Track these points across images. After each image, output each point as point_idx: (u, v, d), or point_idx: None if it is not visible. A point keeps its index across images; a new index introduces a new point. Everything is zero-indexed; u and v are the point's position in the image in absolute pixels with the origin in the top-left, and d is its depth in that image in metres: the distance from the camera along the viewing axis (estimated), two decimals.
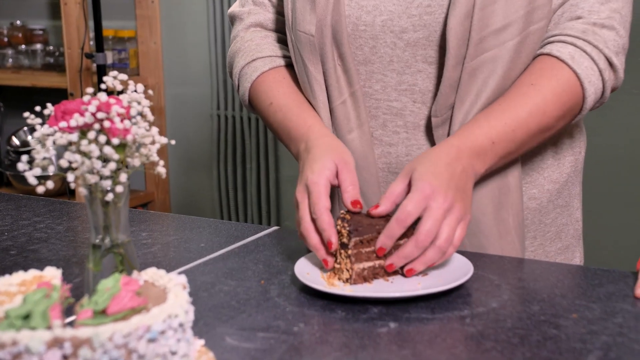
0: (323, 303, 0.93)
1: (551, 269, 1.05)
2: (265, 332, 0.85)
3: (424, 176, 0.95)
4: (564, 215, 1.22)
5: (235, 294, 0.96)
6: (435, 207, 0.93)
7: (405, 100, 1.12)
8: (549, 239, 1.21)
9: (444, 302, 0.93)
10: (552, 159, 1.19)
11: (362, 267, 0.96)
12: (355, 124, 1.12)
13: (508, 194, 1.11)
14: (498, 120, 1.03)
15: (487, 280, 0.99)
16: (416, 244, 0.93)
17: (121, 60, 2.99)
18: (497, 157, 1.03)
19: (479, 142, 1.02)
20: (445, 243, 0.93)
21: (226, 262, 1.09)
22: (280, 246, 1.15)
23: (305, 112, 1.12)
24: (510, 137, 1.03)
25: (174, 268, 1.05)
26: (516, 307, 0.91)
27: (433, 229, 0.93)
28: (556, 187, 1.20)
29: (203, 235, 1.22)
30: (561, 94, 1.04)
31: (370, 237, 0.96)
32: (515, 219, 1.11)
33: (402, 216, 0.93)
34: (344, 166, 1.02)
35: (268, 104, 1.16)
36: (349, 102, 1.12)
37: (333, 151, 1.03)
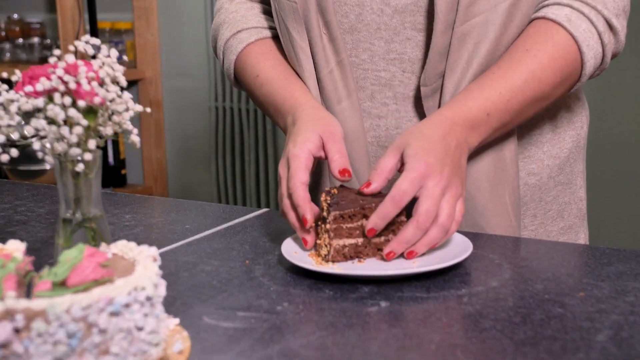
0: (310, 282, 0.86)
1: (556, 248, 0.99)
2: (246, 311, 0.79)
3: (418, 153, 0.89)
4: (566, 193, 1.16)
5: (217, 274, 0.90)
6: (432, 186, 0.87)
7: (394, 70, 1.06)
8: (551, 217, 1.15)
9: (440, 281, 0.86)
10: (552, 132, 1.13)
11: (341, 243, 0.89)
12: (343, 93, 1.06)
13: (504, 168, 1.04)
14: (492, 90, 0.97)
15: (487, 260, 0.93)
16: (417, 226, 0.87)
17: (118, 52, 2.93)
18: (492, 129, 0.97)
19: (473, 114, 0.95)
20: (448, 220, 0.87)
21: (211, 242, 1.03)
22: (269, 227, 1.09)
23: (292, 85, 1.06)
24: (505, 108, 0.97)
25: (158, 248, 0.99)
26: (518, 286, 0.85)
27: (432, 208, 0.87)
28: (556, 163, 1.14)
29: (189, 217, 1.16)
30: (558, 59, 0.98)
31: (352, 212, 0.89)
32: (512, 196, 1.05)
33: (397, 195, 0.87)
34: (330, 137, 0.95)
35: (254, 76, 1.10)
36: (336, 72, 1.06)
37: (318, 122, 0.97)
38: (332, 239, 0.89)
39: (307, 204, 0.90)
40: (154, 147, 3.05)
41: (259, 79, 1.10)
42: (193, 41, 2.94)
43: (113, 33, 2.92)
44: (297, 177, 0.91)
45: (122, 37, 2.93)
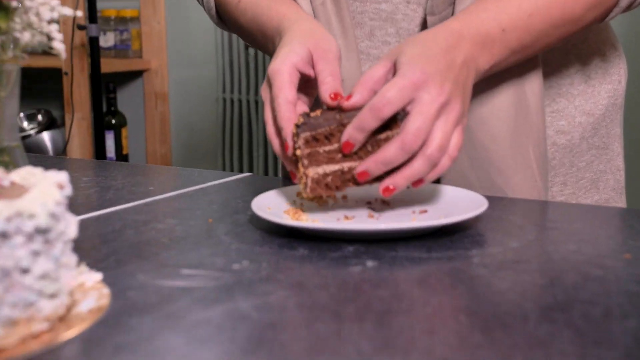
0: (282, 241, 0.69)
1: (592, 211, 0.81)
2: (193, 269, 0.61)
3: (415, 59, 0.71)
4: (601, 160, 0.97)
5: (169, 232, 0.73)
6: (428, 101, 0.69)
7: (397, 1, 0.88)
8: (583, 187, 0.96)
9: (445, 240, 0.68)
10: (584, 84, 0.94)
11: (321, 171, 0.71)
12: (337, 30, 0.89)
13: (527, 114, 0.86)
14: (510, 2, 0.79)
15: (507, 221, 0.75)
16: (402, 146, 0.68)
17: (123, 42, 2.79)
18: (508, 49, 0.79)
19: (485, 28, 0.77)
20: (438, 152, 0.69)
21: (173, 202, 0.86)
22: (247, 189, 0.91)
23: (279, 2, 0.89)
24: (525, 24, 0.79)
25: (104, 208, 0.83)
26: (545, 247, 0.67)
27: (423, 128, 0.68)
28: (590, 122, 0.95)
29: (156, 179, 0.99)
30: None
31: (327, 131, 0.71)
32: (536, 149, 0.86)
33: (379, 104, 0.68)
34: (321, 54, 0.78)
35: (236, 3, 0.93)
36: (329, 4, 0.89)
37: (307, 35, 0.79)
38: (308, 167, 0.71)
39: (292, 125, 0.73)
40: (158, 142, 2.90)
41: (241, 4, 0.92)
42: (200, 29, 2.79)
43: (118, 21, 2.78)
44: (282, 94, 0.74)
45: (128, 25, 2.79)
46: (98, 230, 0.74)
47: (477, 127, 0.85)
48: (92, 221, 0.77)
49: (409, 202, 0.79)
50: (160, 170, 1.07)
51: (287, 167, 0.75)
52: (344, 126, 0.71)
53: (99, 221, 0.77)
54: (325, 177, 0.71)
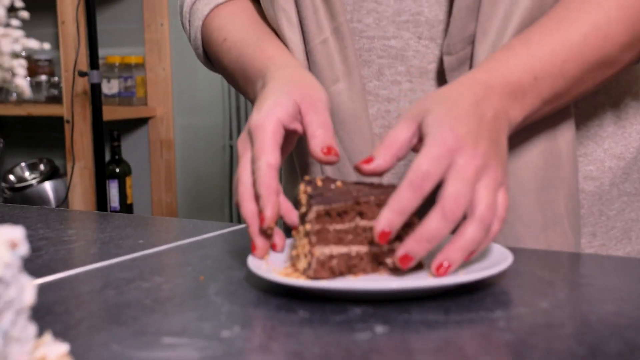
0: (280, 302, 0.61)
1: (629, 264, 0.72)
2: (176, 336, 0.53)
3: (444, 121, 0.63)
4: (633, 207, 0.89)
5: (154, 292, 0.65)
6: (464, 164, 0.61)
7: (408, 36, 0.81)
8: (614, 238, 0.87)
9: (464, 301, 0.60)
10: (614, 125, 0.86)
11: (327, 252, 0.63)
12: (341, 71, 0.82)
13: (558, 165, 0.78)
14: (541, 46, 0.71)
15: (534, 277, 0.67)
16: (443, 215, 0.59)
17: (127, 89, 2.74)
18: (541, 99, 0.71)
19: (516, 77, 0.70)
20: (489, 212, 0.60)
21: (163, 257, 0.78)
22: (246, 242, 0.83)
23: (266, 42, 0.82)
24: (559, 71, 0.71)
25: (86, 264, 0.75)
26: (579, 307, 0.59)
27: (464, 192, 0.60)
28: (621, 166, 0.87)
29: (147, 232, 0.91)
30: (629, 10, 0.72)
31: (342, 208, 0.63)
32: (568, 202, 0.78)
33: (417, 179, 0.60)
34: (310, 105, 0.70)
35: (221, 41, 0.86)
36: (331, 42, 0.82)
37: (294, 85, 0.72)
38: (315, 246, 0.63)
39: (273, 195, 0.65)
40: (164, 190, 2.83)
41: (226, 43, 0.86)
42: (206, 75, 2.75)
43: (123, 67, 2.73)
44: (264, 157, 0.66)
45: (133, 72, 2.74)
46: (75, 290, 0.66)
47: None
48: (70, 280, 0.70)
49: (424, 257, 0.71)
50: (153, 221, 1.00)
51: (251, 236, 0.67)
52: (358, 204, 0.63)
53: (78, 280, 0.70)
54: (331, 259, 0.63)
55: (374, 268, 0.64)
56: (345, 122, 0.81)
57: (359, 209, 0.63)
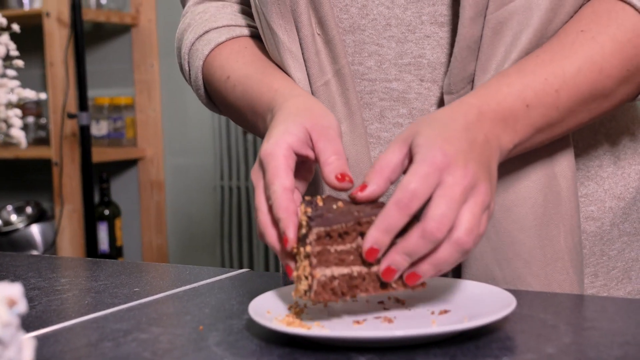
0: (283, 352, 0.60)
1: (632, 305, 0.72)
2: None
3: (434, 141, 0.63)
4: (633, 247, 0.88)
5: (153, 344, 0.64)
6: (451, 183, 0.61)
7: (410, 78, 0.81)
8: (615, 278, 0.87)
9: (470, 347, 0.59)
10: (614, 165, 0.86)
11: (329, 274, 0.62)
12: (342, 113, 0.81)
13: (558, 202, 0.78)
14: (535, 76, 0.71)
15: (538, 321, 0.66)
16: (423, 234, 0.60)
17: (117, 130, 2.74)
18: (533, 128, 0.71)
19: (508, 104, 0.70)
20: (468, 237, 0.61)
21: (160, 307, 0.77)
22: (244, 288, 0.82)
23: (270, 76, 0.81)
24: (552, 101, 0.71)
25: (81, 315, 0.74)
26: (586, 352, 0.58)
27: (449, 214, 0.60)
28: (621, 206, 0.87)
29: (143, 279, 0.90)
30: (625, 45, 0.73)
31: (343, 229, 0.62)
32: (568, 239, 0.78)
33: (405, 198, 0.60)
34: (321, 132, 0.70)
35: (225, 79, 0.85)
36: (333, 84, 0.82)
37: (303, 112, 0.72)
38: (315, 268, 0.62)
39: (292, 216, 0.64)
40: (154, 232, 2.81)
41: (230, 81, 0.85)
42: (197, 115, 2.75)
43: (112, 109, 2.73)
44: (278, 181, 0.66)
45: (122, 113, 2.74)
46: (70, 343, 0.65)
47: (502, 215, 0.77)
48: (65, 332, 0.68)
49: (427, 300, 0.70)
50: (147, 268, 0.99)
51: (282, 261, 0.67)
52: (360, 224, 0.62)
53: (73, 332, 0.68)
54: (333, 280, 0.62)
55: (375, 288, 0.64)
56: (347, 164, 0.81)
57: (360, 229, 0.63)
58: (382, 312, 0.68)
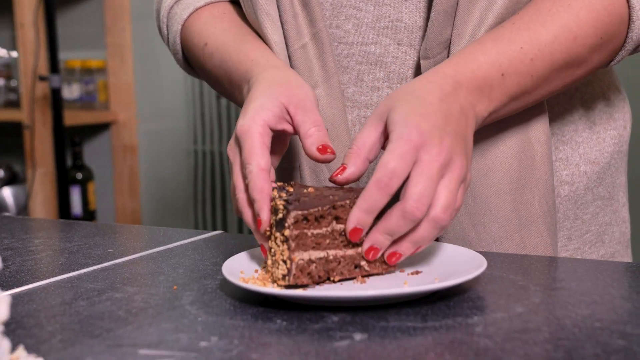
0: (257, 311, 0.60)
1: (601, 267, 0.73)
2: (153, 348, 0.53)
3: (409, 118, 0.64)
4: (607, 211, 0.90)
5: (127, 302, 0.64)
6: (428, 161, 0.62)
7: (387, 42, 0.81)
8: (589, 242, 0.88)
9: (441, 307, 0.60)
10: (589, 130, 0.87)
11: (306, 257, 0.63)
12: (320, 76, 0.81)
13: (532, 167, 0.79)
14: (510, 43, 0.72)
15: (508, 281, 0.67)
16: (403, 214, 0.61)
17: (89, 93, 2.71)
18: (507, 96, 0.72)
19: (483, 72, 0.70)
20: (444, 214, 0.62)
21: (133, 267, 0.77)
22: (218, 249, 0.83)
23: (247, 45, 0.81)
24: (527, 69, 0.72)
25: (55, 275, 0.74)
26: (554, 312, 0.59)
27: (427, 193, 0.61)
28: (595, 171, 0.88)
29: (117, 240, 0.90)
30: (600, 12, 0.73)
31: (319, 213, 0.63)
32: (542, 203, 0.79)
33: (385, 177, 0.61)
34: (298, 104, 0.70)
35: (202, 46, 0.85)
36: (310, 47, 0.81)
37: (280, 86, 0.72)
38: (294, 251, 0.62)
39: (267, 198, 0.65)
40: (127, 196, 2.80)
41: (207, 48, 0.84)
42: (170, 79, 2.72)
43: (84, 72, 2.69)
44: (254, 160, 0.66)
45: (94, 76, 2.70)
46: (45, 302, 0.65)
47: (479, 180, 0.78)
48: (39, 292, 0.68)
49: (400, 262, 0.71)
50: (121, 229, 0.98)
51: (258, 240, 0.67)
52: (335, 208, 0.63)
53: (47, 291, 0.68)
54: (310, 264, 0.63)
55: (350, 271, 0.64)
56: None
57: (335, 213, 0.63)
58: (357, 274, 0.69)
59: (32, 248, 0.86)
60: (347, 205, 0.63)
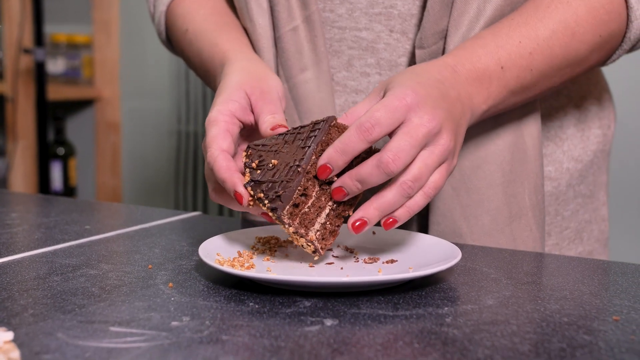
0: (231, 293, 0.61)
1: (572, 263, 0.74)
2: (124, 326, 0.53)
3: (407, 81, 0.65)
4: (587, 209, 0.91)
5: (101, 279, 0.64)
6: (416, 123, 0.62)
7: (379, 28, 0.82)
8: (567, 238, 0.89)
9: (413, 296, 0.61)
10: (575, 127, 0.88)
11: (318, 225, 0.65)
12: (310, 59, 0.81)
13: (524, 160, 0.79)
14: (509, 38, 0.73)
15: (481, 274, 0.68)
16: (378, 164, 0.61)
17: (73, 68, 2.68)
18: (506, 89, 0.73)
19: (483, 64, 0.71)
20: (413, 181, 0.62)
21: (110, 245, 0.77)
22: (195, 231, 0.83)
23: (223, 36, 0.81)
24: (526, 63, 0.73)
25: (30, 249, 0.73)
26: (524, 305, 0.60)
27: (405, 150, 0.61)
28: (578, 168, 0.89)
29: (94, 217, 0.90)
30: (599, 11, 0.74)
31: (301, 190, 0.63)
32: (533, 196, 0.80)
33: (367, 124, 0.61)
34: (259, 96, 0.71)
35: (183, 31, 0.85)
36: (301, 30, 0.81)
37: (246, 77, 0.72)
38: (307, 233, 0.64)
39: (234, 173, 0.65)
40: (109, 174, 2.78)
41: (188, 35, 0.85)
42: (156, 58, 2.71)
43: (69, 46, 2.67)
44: (215, 143, 0.66)
45: (79, 51, 2.68)
46: (18, 276, 0.65)
47: (473, 172, 0.79)
48: (13, 265, 0.68)
49: (375, 250, 0.71)
50: (99, 206, 0.98)
51: (255, 214, 0.68)
52: (308, 173, 0.64)
53: (21, 265, 0.68)
54: (324, 226, 0.65)
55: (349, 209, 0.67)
56: (311, 111, 0.81)
57: (309, 176, 0.64)
58: (331, 259, 0.69)
59: (9, 222, 0.86)
60: (313, 161, 0.64)
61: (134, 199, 2.83)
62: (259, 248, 0.71)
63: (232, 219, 0.92)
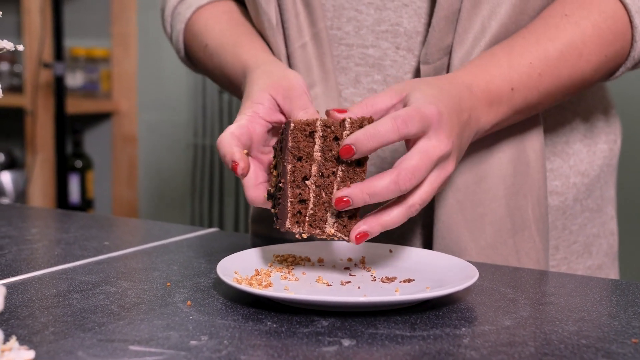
0: (248, 312, 0.61)
1: (590, 282, 0.74)
2: (144, 345, 0.53)
3: (430, 99, 0.66)
4: (595, 223, 0.91)
5: (120, 297, 0.65)
6: (434, 145, 0.64)
7: (386, 45, 0.82)
8: (576, 252, 0.89)
9: (430, 316, 0.61)
10: (581, 143, 0.88)
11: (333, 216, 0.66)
12: (318, 76, 0.82)
13: (527, 173, 0.80)
14: (522, 58, 0.74)
15: (498, 294, 0.68)
16: (396, 181, 0.62)
17: (92, 82, 2.71)
18: (513, 110, 0.74)
19: (496, 87, 0.73)
20: (420, 205, 0.65)
21: (128, 261, 0.78)
22: (212, 247, 0.84)
23: (242, 48, 0.82)
24: (535, 84, 0.73)
25: (51, 266, 0.74)
26: (542, 326, 0.60)
27: (422, 170, 0.63)
28: (585, 183, 0.89)
29: (113, 233, 0.91)
30: (605, 31, 0.75)
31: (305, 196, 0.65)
32: (536, 209, 0.80)
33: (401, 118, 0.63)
34: (285, 94, 0.72)
35: (203, 47, 0.87)
36: (310, 47, 0.82)
37: (266, 79, 0.74)
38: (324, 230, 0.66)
39: (231, 147, 0.67)
40: (125, 186, 2.80)
41: (208, 50, 0.86)
42: (173, 71, 2.73)
43: (88, 60, 2.69)
44: (226, 130, 0.69)
45: (98, 65, 2.70)
46: (39, 293, 0.66)
47: (476, 186, 0.79)
48: (34, 282, 0.69)
49: (392, 269, 0.71)
50: (118, 222, 0.99)
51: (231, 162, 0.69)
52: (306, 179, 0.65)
53: (41, 282, 0.69)
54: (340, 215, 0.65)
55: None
56: None
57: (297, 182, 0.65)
58: (348, 277, 0.69)
59: (29, 237, 0.87)
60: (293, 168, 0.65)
61: (150, 211, 2.84)
62: (276, 266, 0.71)
63: (248, 236, 0.93)
